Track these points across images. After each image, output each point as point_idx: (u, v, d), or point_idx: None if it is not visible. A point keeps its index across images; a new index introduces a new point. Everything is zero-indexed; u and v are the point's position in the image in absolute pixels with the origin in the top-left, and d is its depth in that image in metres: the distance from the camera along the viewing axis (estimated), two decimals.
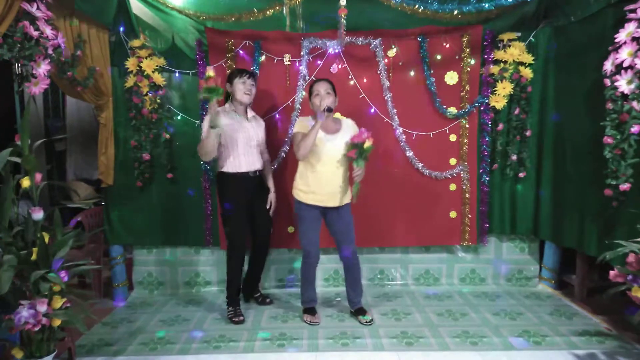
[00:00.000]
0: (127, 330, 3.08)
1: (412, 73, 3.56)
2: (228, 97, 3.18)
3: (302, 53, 3.49)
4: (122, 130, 3.53)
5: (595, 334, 2.90)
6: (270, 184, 3.36)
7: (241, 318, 3.16)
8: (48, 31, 2.46)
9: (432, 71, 3.52)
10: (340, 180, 3.01)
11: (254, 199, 3.24)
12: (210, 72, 2.73)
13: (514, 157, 3.55)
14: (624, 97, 2.66)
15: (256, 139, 3.17)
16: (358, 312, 3.19)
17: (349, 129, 3.04)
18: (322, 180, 2.99)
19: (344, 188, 3.04)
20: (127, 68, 3.39)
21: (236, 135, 3.08)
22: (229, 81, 3.14)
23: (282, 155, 3.57)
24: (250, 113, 3.22)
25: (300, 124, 3.03)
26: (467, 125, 3.59)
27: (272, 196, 3.33)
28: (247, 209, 3.21)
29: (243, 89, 3.08)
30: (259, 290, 3.57)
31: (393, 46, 3.52)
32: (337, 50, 3.51)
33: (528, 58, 3.43)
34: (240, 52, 3.50)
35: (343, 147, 2.98)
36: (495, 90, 3.49)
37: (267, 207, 3.32)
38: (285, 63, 3.52)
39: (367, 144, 2.87)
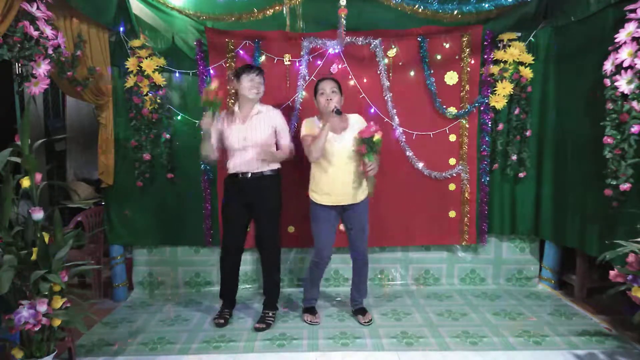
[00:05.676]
0: (127, 330, 3.08)
1: (412, 73, 3.56)
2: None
3: (302, 53, 3.49)
4: (122, 130, 3.53)
5: (595, 334, 2.90)
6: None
7: (221, 321, 3.10)
8: (48, 31, 2.46)
9: (432, 71, 3.52)
10: (354, 177, 2.97)
11: (251, 204, 3.06)
12: (213, 85, 2.81)
13: (514, 157, 3.55)
14: (624, 97, 2.66)
15: (252, 140, 2.99)
16: (358, 311, 3.19)
17: (356, 124, 3.00)
18: (336, 181, 2.95)
19: (359, 184, 3.00)
20: (127, 68, 3.39)
21: (230, 137, 3.04)
22: (236, 77, 3.03)
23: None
24: (256, 110, 3.04)
25: (308, 126, 3.00)
26: (467, 125, 3.58)
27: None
28: (241, 213, 3.09)
29: (249, 86, 2.97)
30: (264, 308, 3.20)
31: (393, 46, 3.52)
32: (337, 50, 3.51)
33: (528, 58, 3.43)
34: (240, 52, 3.50)
35: (352, 144, 2.94)
36: (495, 90, 3.48)
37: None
38: (285, 63, 3.52)
39: (376, 137, 2.83)
